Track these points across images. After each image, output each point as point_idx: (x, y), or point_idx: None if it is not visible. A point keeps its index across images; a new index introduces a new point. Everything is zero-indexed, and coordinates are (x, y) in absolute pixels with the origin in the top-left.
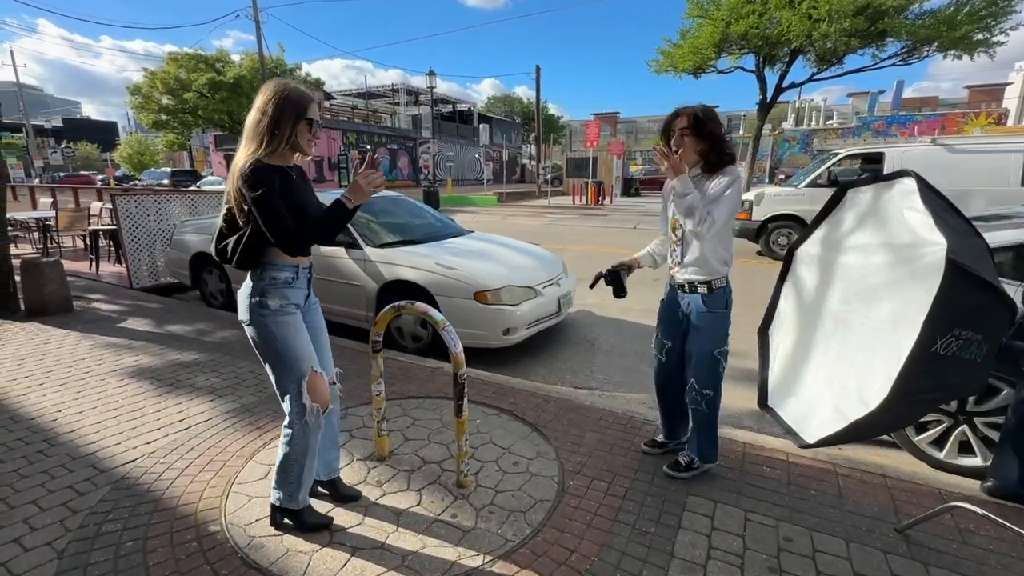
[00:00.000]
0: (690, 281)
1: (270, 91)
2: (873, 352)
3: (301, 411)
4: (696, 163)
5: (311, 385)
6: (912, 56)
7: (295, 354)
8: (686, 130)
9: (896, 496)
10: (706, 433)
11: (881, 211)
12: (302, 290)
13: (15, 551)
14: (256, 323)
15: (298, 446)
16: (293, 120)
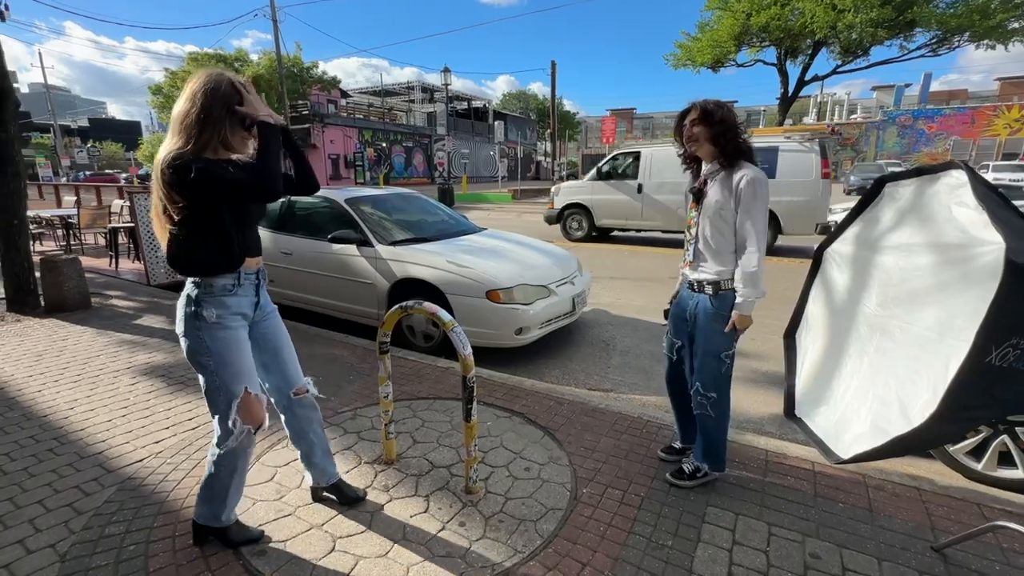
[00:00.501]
0: (699, 280)
1: (201, 80)
2: (916, 362)
3: (227, 433)
4: (713, 156)
5: (244, 407)
6: (942, 47)
7: (230, 372)
8: (697, 120)
9: (932, 511)
10: (712, 439)
11: (925, 207)
12: (247, 298)
13: (18, 553)
14: (189, 336)
15: (225, 466)
16: (224, 113)
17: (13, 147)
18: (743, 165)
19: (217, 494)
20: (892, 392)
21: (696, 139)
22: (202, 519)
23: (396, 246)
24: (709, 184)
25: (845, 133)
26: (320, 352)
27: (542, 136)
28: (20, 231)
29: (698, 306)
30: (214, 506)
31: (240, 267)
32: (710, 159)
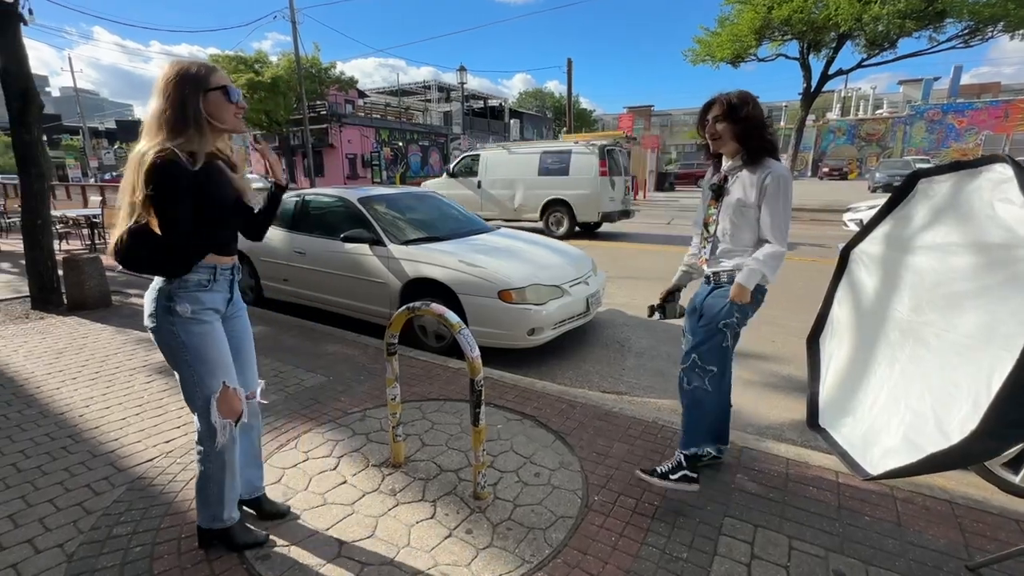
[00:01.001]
0: (716, 273)
1: (166, 73)
2: (955, 372)
3: (210, 429)
4: (736, 152)
5: (222, 401)
6: (974, 38)
7: (207, 368)
8: (720, 117)
9: (966, 527)
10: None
11: (964, 204)
12: (221, 294)
13: (27, 552)
14: (163, 331)
15: (214, 463)
16: (198, 94)
17: (37, 148)
18: (767, 162)
19: (212, 494)
20: (927, 404)
21: (719, 137)
22: (204, 522)
23: (408, 245)
24: (730, 180)
25: (870, 128)
26: (332, 351)
27: (558, 134)
28: (44, 231)
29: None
30: (212, 507)
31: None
32: (732, 155)
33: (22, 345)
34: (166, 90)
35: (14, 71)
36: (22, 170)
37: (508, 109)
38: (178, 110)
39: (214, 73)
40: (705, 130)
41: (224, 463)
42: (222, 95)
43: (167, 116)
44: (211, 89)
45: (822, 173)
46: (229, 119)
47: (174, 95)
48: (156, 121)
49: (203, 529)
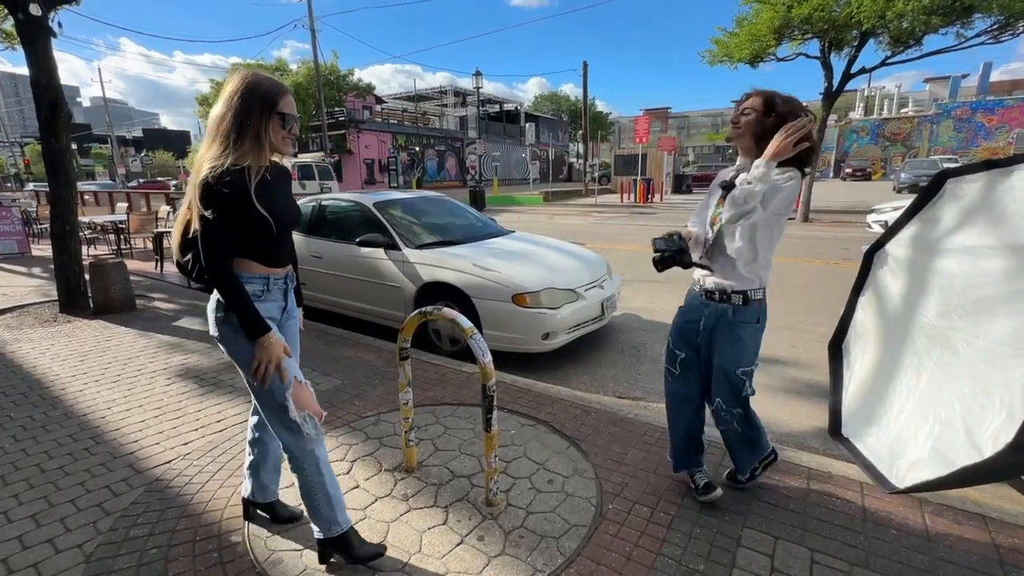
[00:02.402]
0: (722, 288)
1: (236, 82)
2: (986, 381)
3: (291, 429)
4: (750, 151)
5: (296, 397)
6: (1004, 32)
7: None
8: (750, 110)
9: (1000, 542)
10: (748, 450)
11: (996, 205)
12: (275, 303)
13: (47, 552)
14: (227, 339)
15: (308, 466)
16: (262, 114)
17: (66, 157)
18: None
19: (320, 499)
20: (956, 414)
21: (740, 128)
22: (323, 532)
23: (423, 249)
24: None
25: (894, 128)
26: (347, 355)
27: (574, 137)
28: (71, 236)
29: (717, 316)
30: (324, 513)
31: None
32: (747, 154)
33: (49, 348)
34: (232, 98)
35: (44, 82)
36: (51, 177)
37: (524, 113)
38: (239, 122)
39: (282, 97)
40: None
41: (318, 462)
42: (279, 120)
43: (225, 125)
44: (275, 112)
45: (845, 174)
46: (280, 143)
47: (239, 106)
48: (215, 128)
49: (323, 540)
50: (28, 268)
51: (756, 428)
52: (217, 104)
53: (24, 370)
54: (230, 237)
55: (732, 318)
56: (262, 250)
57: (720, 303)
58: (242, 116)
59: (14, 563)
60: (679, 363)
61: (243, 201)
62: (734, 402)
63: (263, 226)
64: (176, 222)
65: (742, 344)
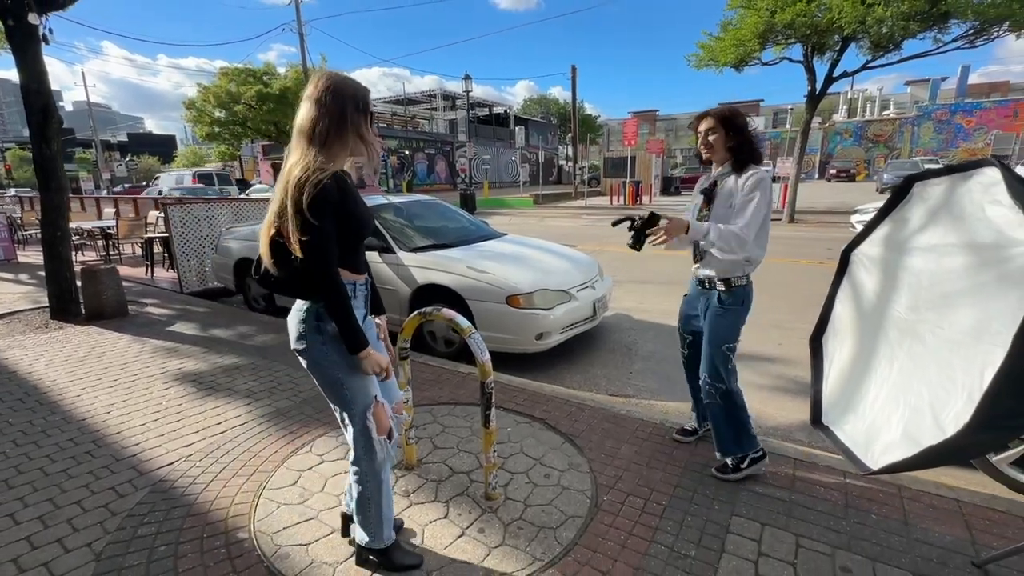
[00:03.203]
0: (710, 277)
1: (325, 80)
2: (950, 368)
3: (370, 445)
4: (725, 160)
5: (376, 416)
6: (980, 38)
7: (358, 383)
8: (712, 130)
9: (973, 524)
10: (727, 427)
11: (957, 206)
12: (360, 310)
13: (57, 551)
14: (314, 351)
15: (371, 482)
16: (355, 113)
17: (57, 162)
18: (751, 167)
19: (371, 514)
20: (924, 400)
21: (711, 146)
22: (364, 542)
23: (417, 252)
24: (719, 185)
25: (877, 130)
26: None
27: (563, 140)
28: (63, 242)
29: (709, 302)
30: (372, 527)
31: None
32: (722, 163)
33: (43, 354)
34: (323, 95)
35: (35, 88)
36: (42, 184)
37: (513, 116)
38: (335, 121)
39: (368, 95)
40: (699, 141)
41: (380, 482)
42: (368, 119)
43: (321, 126)
44: (367, 112)
45: (829, 175)
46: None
47: (332, 104)
48: (307, 129)
49: (365, 547)
50: (15, 275)
51: (739, 406)
52: (305, 104)
53: (19, 376)
54: (337, 241)
55: (720, 302)
56: (351, 254)
57: (710, 290)
58: (338, 115)
59: (24, 562)
60: (688, 344)
61: (346, 204)
62: (718, 375)
63: (359, 226)
64: (263, 233)
65: (727, 323)
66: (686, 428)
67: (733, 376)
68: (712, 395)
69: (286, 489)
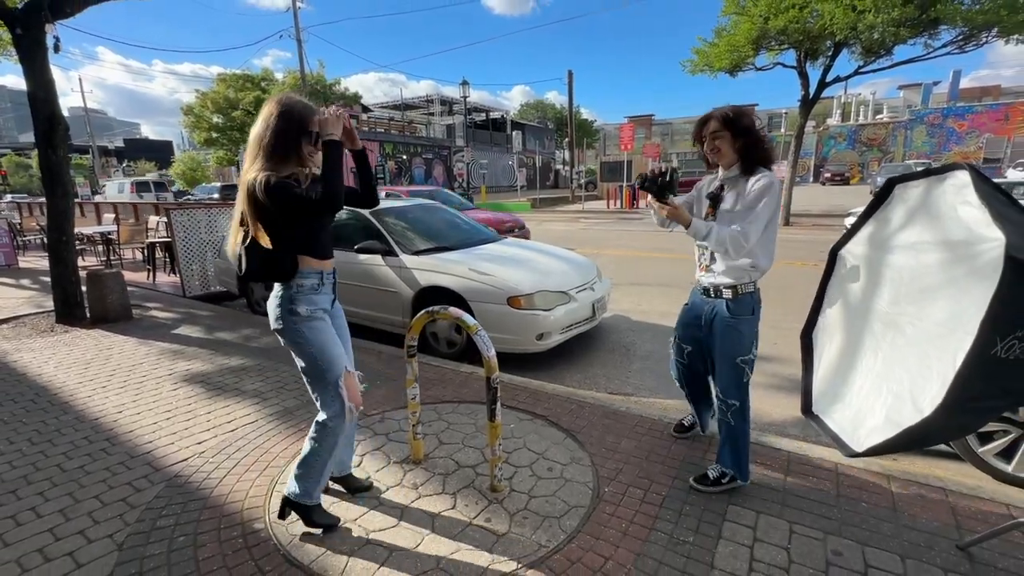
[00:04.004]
0: (715, 285)
1: (274, 104)
2: (927, 357)
3: (341, 409)
4: (734, 163)
5: (347, 385)
6: (969, 43)
7: (329, 357)
8: (719, 132)
9: (958, 511)
10: (734, 447)
11: (933, 207)
12: (328, 295)
13: (80, 542)
14: (290, 330)
15: (327, 443)
16: (298, 134)
17: (63, 169)
18: (760, 170)
19: (314, 471)
20: (904, 386)
21: (719, 150)
22: (294, 495)
23: (419, 255)
24: (727, 189)
25: (870, 133)
26: None
27: (560, 145)
28: (68, 247)
29: (715, 311)
30: (309, 483)
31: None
32: (729, 166)
33: (51, 357)
34: (269, 119)
35: (42, 96)
36: (48, 189)
37: (510, 121)
38: (278, 140)
39: (312, 116)
40: (704, 145)
41: (335, 444)
42: (308, 138)
43: (266, 142)
44: (306, 132)
45: (824, 178)
46: (307, 158)
47: (276, 126)
48: (256, 145)
49: (291, 500)
50: (16, 280)
51: (747, 424)
52: (257, 123)
53: (29, 378)
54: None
55: (728, 312)
56: (312, 241)
57: (716, 298)
58: (281, 134)
59: (50, 552)
60: (686, 355)
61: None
62: (734, 391)
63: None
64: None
65: (740, 335)
66: (683, 423)
67: (747, 393)
68: (724, 412)
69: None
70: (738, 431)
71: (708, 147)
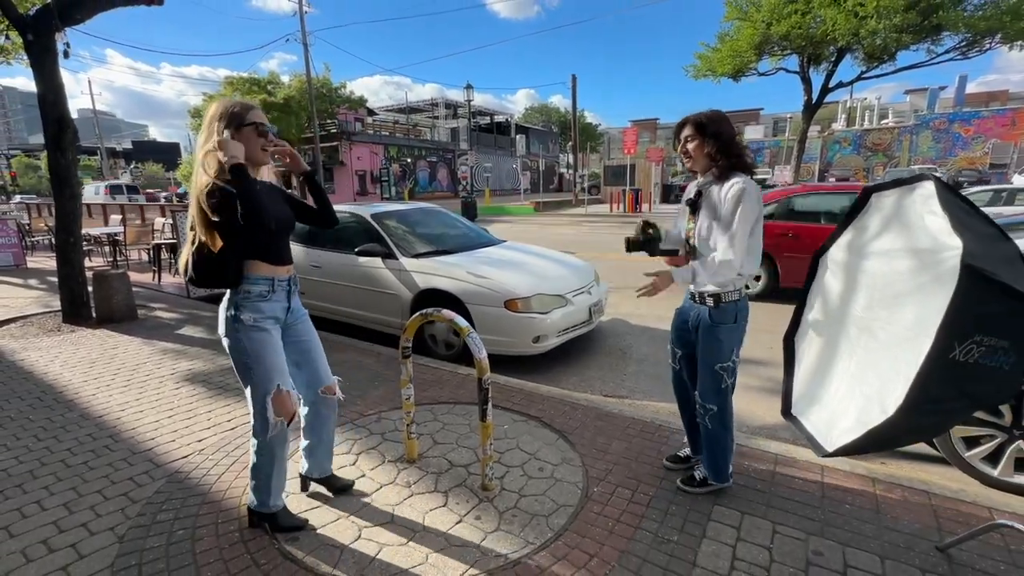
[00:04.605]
0: (700, 292)
1: (211, 112)
2: (896, 360)
3: (264, 425)
4: (707, 168)
5: (276, 401)
6: (972, 49)
7: (264, 369)
8: (691, 136)
9: (940, 514)
10: (714, 450)
11: (904, 215)
12: (279, 303)
13: (83, 535)
14: (230, 336)
15: (264, 456)
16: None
17: (71, 171)
18: (735, 175)
19: (261, 482)
20: (875, 389)
21: (691, 155)
22: (253, 505)
23: (419, 258)
24: (704, 196)
25: (875, 138)
26: (347, 359)
27: (564, 148)
28: (75, 248)
29: (699, 317)
30: (261, 493)
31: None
32: (704, 172)
33: (57, 355)
34: (211, 124)
35: (51, 100)
36: (56, 191)
37: (514, 124)
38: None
39: (251, 110)
40: (678, 149)
41: (273, 457)
42: (253, 130)
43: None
44: (245, 124)
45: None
46: (257, 153)
47: (218, 129)
48: (202, 152)
49: (251, 511)
50: (24, 280)
51: (726, 430)
52: (201, 134)
53: (36, 376)
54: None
55: (710, 319)
56: (263, 247)
57: (701, 304)
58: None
59: (54, 543)
60: (679, 359)
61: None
62: (712, 396)
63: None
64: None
65: (719, 342)
66: (678, 455)
67: (727, 400)
68: (702, 415)
69: (292, 480)
70: (715, 435)
71: (681, 150)
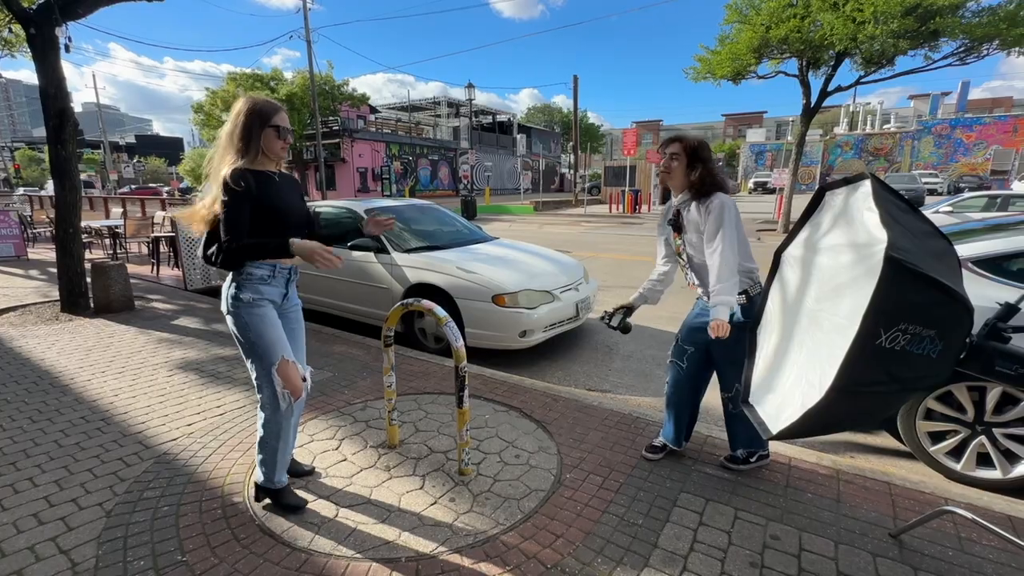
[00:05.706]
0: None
1: (239, 105)
2: (834, 347)
3: (273, 396)
4: (683, 187)
5: (282, 372)
6: (970, 55)
7: (267, 342)
8: (677, 156)
9: (898, 503)
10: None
11: (848, 212)
12: (278, 288)
13: (72, 509)
14: (232, 314)
15: (271, 429)
16: (260, 128)
17: (72, 163)
18: (712, 193)
19: (268, 456)
20: (816, 375)
21: (670, 171)
22: (259, 480)
23: (411, 253)
24: (683, 214)
25: (877, 143)
26: (337, 351)
27: (566, 148)
28: (74, 239)
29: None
30: (267, 468)
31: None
32: (680, 190)
33: (54, 343)
34: (236, 117)
35: (53, 93)
36: (57, 183)
37: (516, 124)
38: (244, 135)
39: (277, 113)
40: (660, 162)
41: (280, 430)
42: (274, 132)
43: (233, 138)
44: (269, 124)
45: None
46: (277, 151)
47: (243, 122)
48: (226, 141)
49: (259, 486)
50: (25, 270)
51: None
52: (227, 123)
53: (32, 362)
54: (246, 221)
55: (743, 314)
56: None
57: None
58: (246, 130)
59: (44, 517)
60: (686, 357)
61: (255, 195)
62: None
63: (275, 212)
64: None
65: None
66: (655, 444)
67: None
68: (731, 401)
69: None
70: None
71: (664, 164)
